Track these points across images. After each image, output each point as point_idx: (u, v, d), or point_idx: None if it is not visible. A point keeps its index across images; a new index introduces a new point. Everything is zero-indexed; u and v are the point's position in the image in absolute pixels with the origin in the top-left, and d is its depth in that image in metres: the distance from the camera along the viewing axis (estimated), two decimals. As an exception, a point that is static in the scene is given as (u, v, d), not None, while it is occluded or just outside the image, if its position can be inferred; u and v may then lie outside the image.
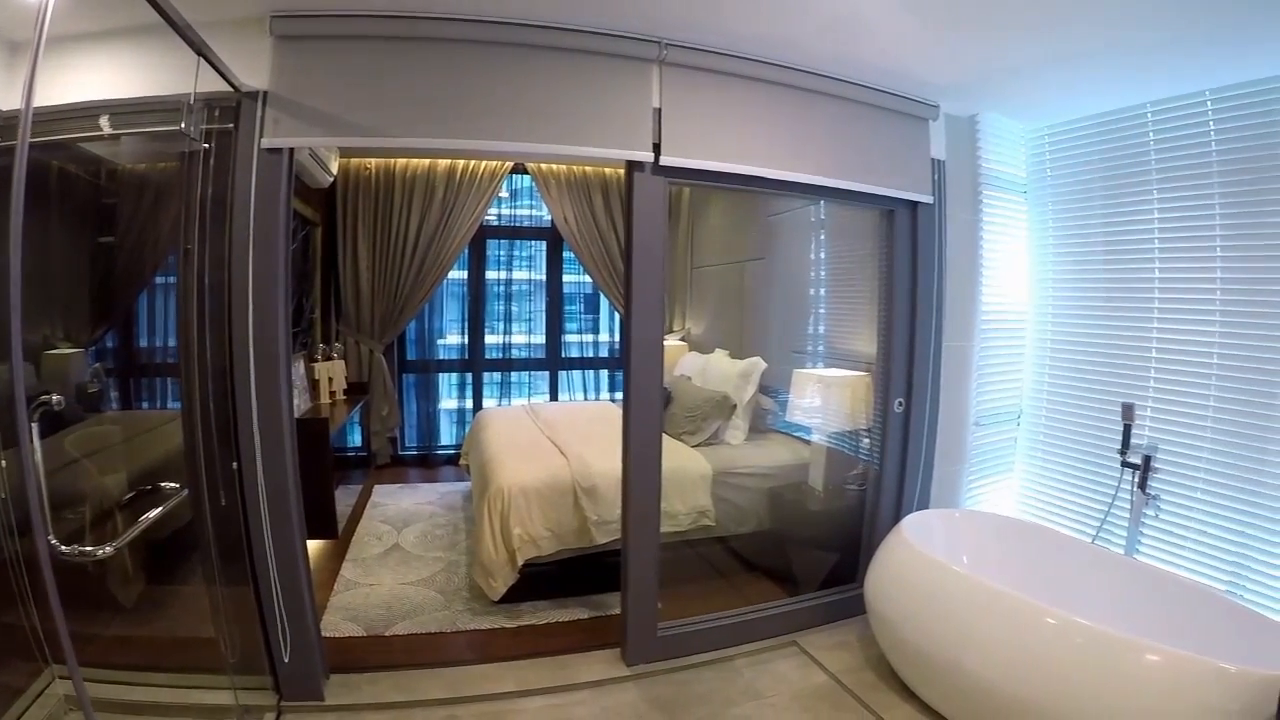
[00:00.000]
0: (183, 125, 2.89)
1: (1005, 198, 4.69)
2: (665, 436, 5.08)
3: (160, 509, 2.59)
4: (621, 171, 4.50)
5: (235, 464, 3.11)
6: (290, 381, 3.17)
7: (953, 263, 4.43)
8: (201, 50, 2.63)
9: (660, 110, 3.45)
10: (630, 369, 3.63)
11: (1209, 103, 3.78)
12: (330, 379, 5.96)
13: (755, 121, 3.68)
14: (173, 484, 2.91)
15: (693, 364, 6.42)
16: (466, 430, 7.08)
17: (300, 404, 4.84)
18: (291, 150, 3.11)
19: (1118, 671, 2.76)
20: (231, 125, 3.03)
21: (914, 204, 4.24)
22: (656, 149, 3.47)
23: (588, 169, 7.26)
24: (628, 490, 3.68)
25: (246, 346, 3.06)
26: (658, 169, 3.50)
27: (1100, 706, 2.75)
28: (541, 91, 3.26)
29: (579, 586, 4.47)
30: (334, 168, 6.13)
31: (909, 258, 4.27)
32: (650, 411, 3.68)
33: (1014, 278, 4.78)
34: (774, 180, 3.77)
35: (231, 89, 2.93)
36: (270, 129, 3.01)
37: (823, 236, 5.54)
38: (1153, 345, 4.10)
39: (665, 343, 6.94)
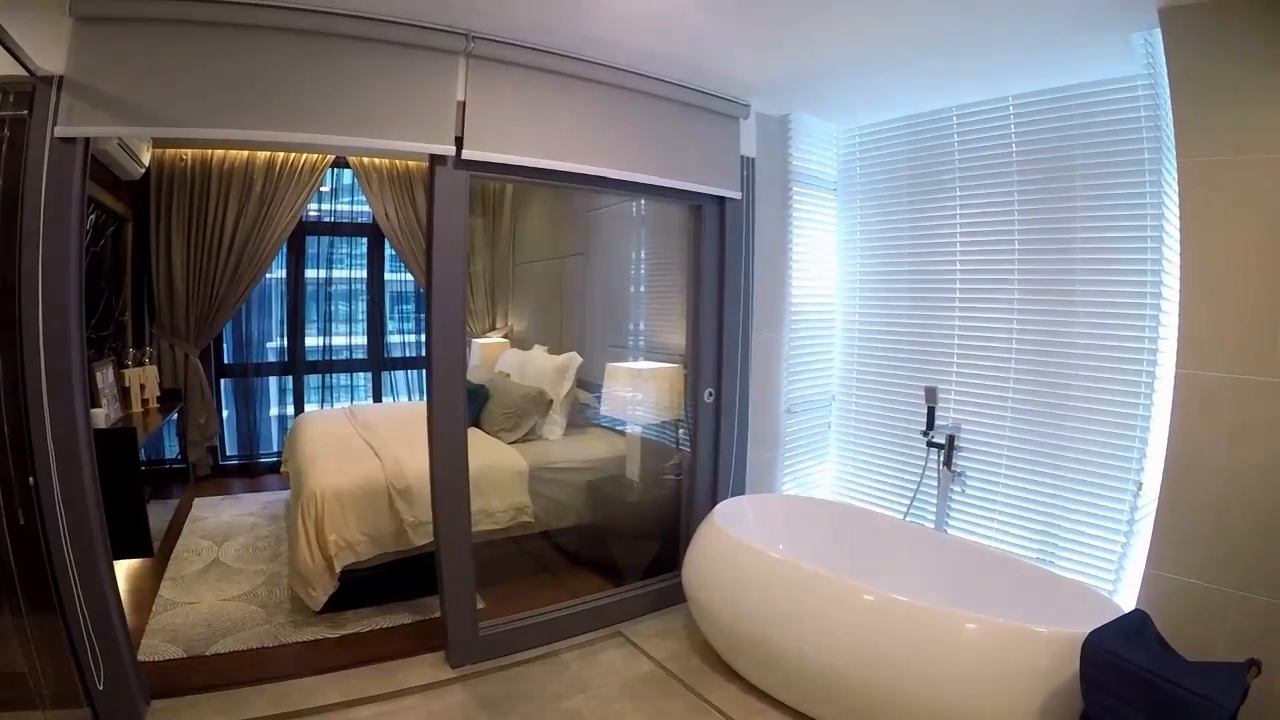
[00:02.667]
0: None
1: (815, 194, 4.98)
2: (482, 434, 5.21)
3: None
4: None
5: (31, 479, 2.94)
6: (86, 388, 3.03)
7: (762, 257, 4.67)
8: (-7, 30, 2.47)
9: (465, 103, 3.46)
10: (433, 367, 3.65)
11: (1011, 108, 4.16)
12: (142, 386, 5.66)
13: (563, 116, 3.76)
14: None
15: (512, 361, 6.49)
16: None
17: (110, 413, 4.66)
18: (88, 140, 2.96)
19: (936, 642, 3.00)
20: (26, 112, 2.87)
21: (722, 200, 4.43)
22: (459, 143, 3.47)
23: (411, 163, 7.15)
24: (436, 490, 3.70)
25: (37, 351, 2.90)
26: (460, 163, 3.52)
27: (921, 676, 2.99)
28: (346, 82, 3.22)
29: (402, 590, 4.46)
30: (146, 159, 5.84)
31: (716, 252, 4.48)
32: (454, 410, 3.70)
33: (823, 270, 5.08)
34: (581, 175, 3.86)
35: (27, 73, 2.76)
36: (64, 117, 2.85)
37: (642, 232, 5.71)
38: (955, 332, 4.48)
39: (487, 340, 7.06)
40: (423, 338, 8.17)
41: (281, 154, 6.73)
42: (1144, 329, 3.65)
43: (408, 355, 8.23)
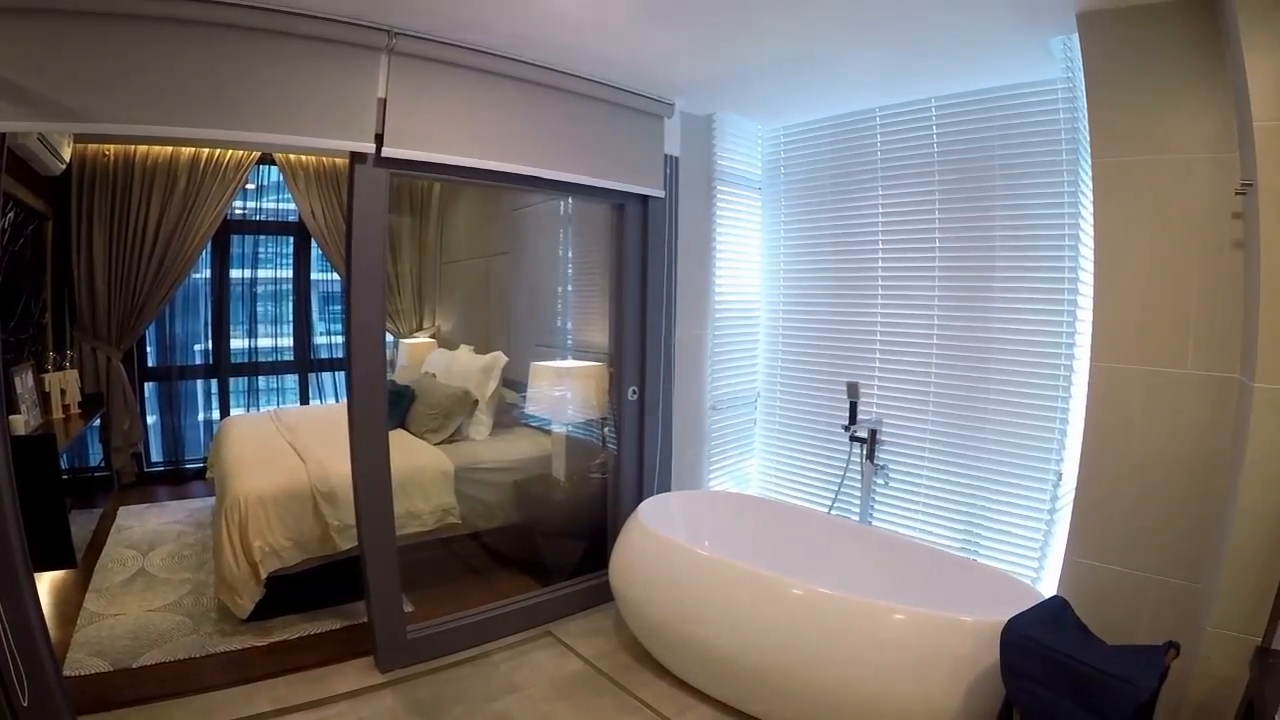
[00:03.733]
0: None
1: (740, 193, 5.09)
2: (409, 435, 5.21)
3: None
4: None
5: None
6: (3, 394, 2.85)
7: (685, 255, 4.75)
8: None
9: (386, 100, 3.42)
10: (352, 368, 3.62)
11: (933, 109, 4.30)
12: (63, 390, 5.56)
13: (487, 114, 3.77)
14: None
15: (438, 361, 6.48)
16: (215, 441, 6.78)
17: (29, 419, 4.59)
18: (3, 136, 2.85)
19: (864, 634, 3.11)
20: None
21: (646, 198, 4.49)
22: (379, 140, 3.44)
23: (339, 160, 7.02)
24: (358, 493, 3.67)
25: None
26: (380, 161, 3.48)
27: (850, 667, 3.10)
28: (265, 78, 3.15)
29: (329, 595, 4.44)
30: (67, 154, 5.69)
31: (639, 250, 4.54)
32: (374, 411, 3.68)
33: (748, 268, 5.18)
34: (503, 174, 3.87)
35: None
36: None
37: (569, 230, 5.74)
38: (878, 328, 4.62)
39: (414, 340, 7.05)
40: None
41: (206, 150, 6.60)
42: (1061, 324, 3.80)
43: (335, 357, 8.14)
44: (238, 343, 7.61)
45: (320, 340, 8.10)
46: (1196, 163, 2.93)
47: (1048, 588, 3.57)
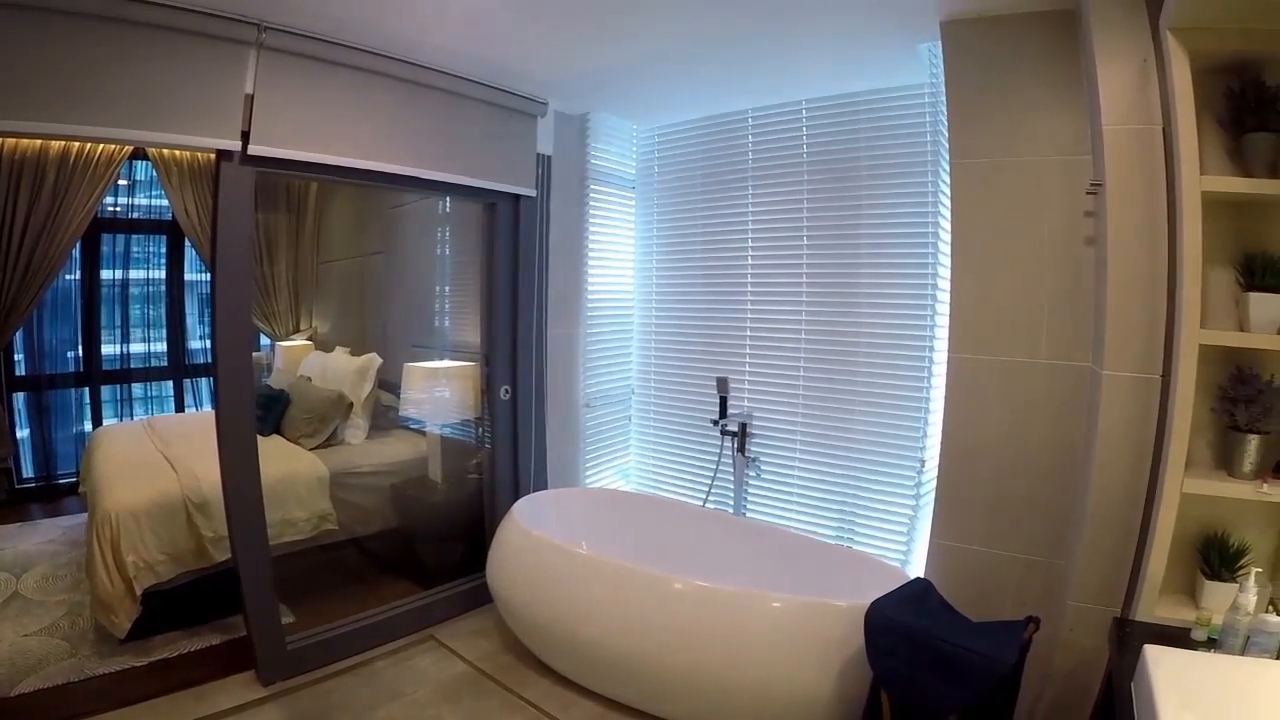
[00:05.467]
0: None
1: (614, 192, 5.15)
2: (284, 441, 5.15)
3: None
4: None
5: None
6: None
7: (558, 253, 4.79)
8: None
9: (253, 97, 3.30)
10: (219, 373, 3.52)
11: (804, 111, 4.41)
12: None
13: (358, 112, 3.70)
14: None
15: (314, 364, 6.35)
16: (90, 453, 6.52)
17: None
18: None
19: (743, 622, 3.20)
20: None
21: (518, 197, 4.49)
22: (245, 138, 3.31)
23: (212, 156, 6.68)
24: (229, 502, 3.58)
25: None
26: (246, 159, 3.35)
27: (730, 656, 3.17)
28: (126, 71, 2.98)
29: (209, 609, 4.30)
30: None
31: (510, 249, 4.55)
32: (242, 417, 3.58)
33: (621, 266, 5.26)
34: (374, 173, 3.80)
35: None
36: None
37: (445, 229, 5.74)
38: (747, 324, 4.73)
39: (290, 343, 6.87)
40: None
41: (76, 144, 6.25)
42: (924, 318, 3.96)
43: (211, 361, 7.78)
44: (110, 348, 7.22)
45: (196, 345, 7.74)
46: (1050, 164, 3.10)
47: (917, 570, 3.69)
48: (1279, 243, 2.47)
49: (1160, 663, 2.00)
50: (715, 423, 4.57)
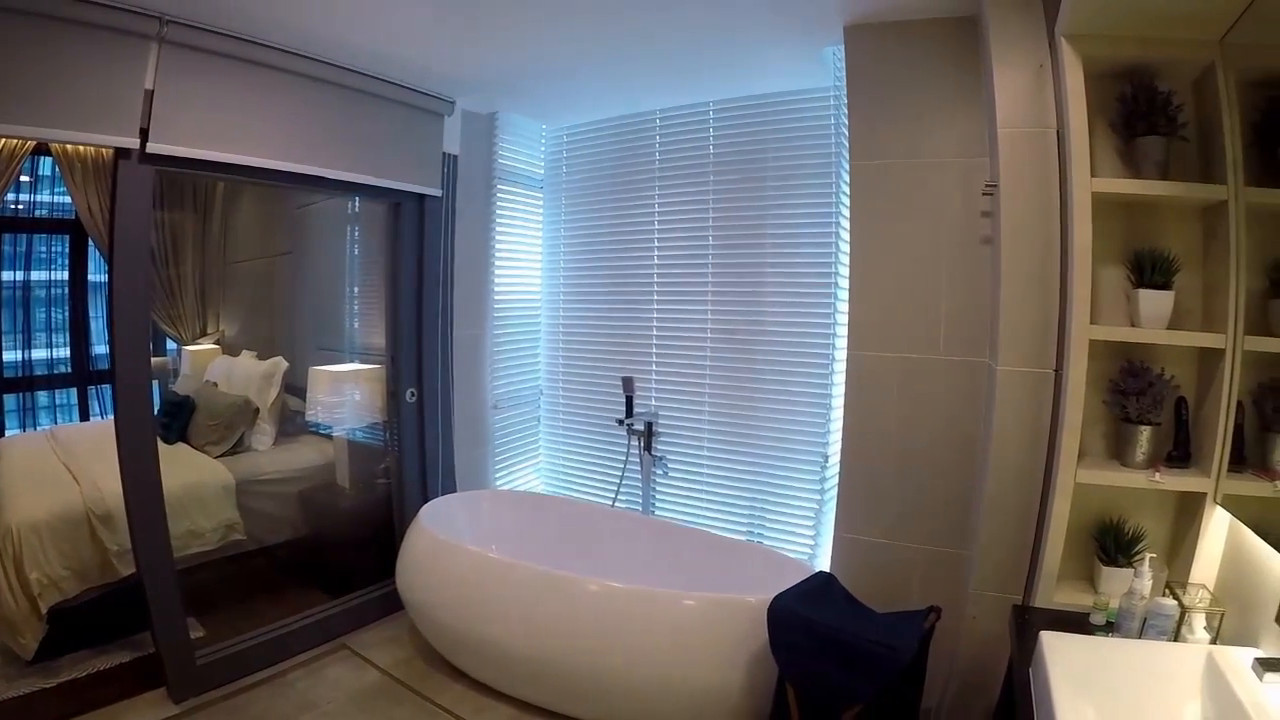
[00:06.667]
0: None
1: (521, 192, 5.12)
2: (189, 449, 5.04)
3: None
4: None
5: None
6: None
7: (464, 254, 4.75)
8: None
9: (153, 93, 3.16)
10: (118, 379, 3.37)
11: (711, 113, 4.45)
12: None
13: (262, 110, 3.61)
14: None
15: (220, 368, 6.21)
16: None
17: None
18: None
19: (654, 623, 3.21)
20: None
21: (423, 197, 4.45)
22: (144, 135, 3.17)
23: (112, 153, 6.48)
24: (131, 513, 3.45)
25: None
26: (145, 157, 3.21)
27: (641, 657, 3.19)
28: (19, 64, 2.83)
29: (119, 626, 4.12)
30: None
31: (415, 250, 4.51)
32: (141, 425, 3.44)
33: (528, 267, 5.24)
34: (277, 172, 3.70)
35: None
36: None
37: (354, 229, 5.66)
38: (654, 324, 4.75)
39: (197, 347, 6.67)
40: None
41: None
42: (828, 316, 4.00)
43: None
44: (11, 354, 6.81)
45: (102, 350, 7.32)
46: (950, 166, 3.19)
47: (824, 564, 3.75)
48: (1168, 241, 2.57)
49: (1055, 648, 2.05)
50: (621, 422, 4.58)
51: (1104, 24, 2.44)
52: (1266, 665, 1.54)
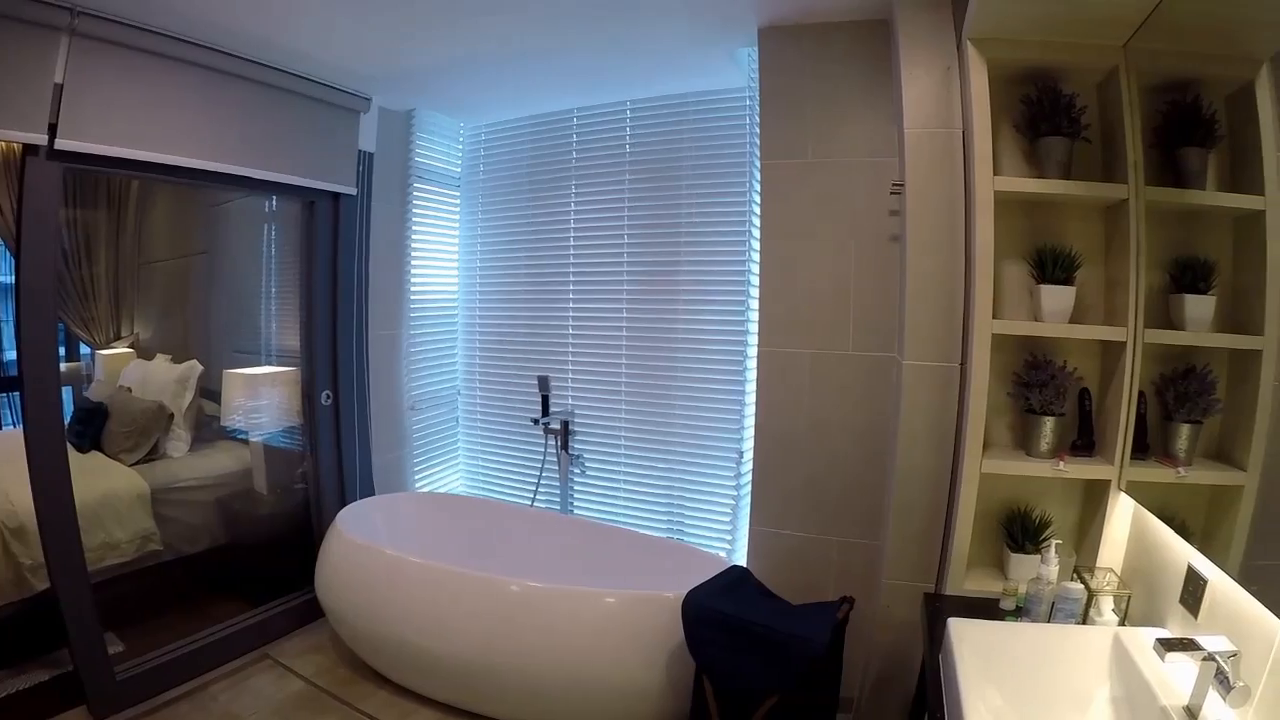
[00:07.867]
0: None
1: (438, 190, 5.07)
2: (104, 457, 4.88)
3: None
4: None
5: None
6: None
7: (379, 253, 4.68)
8: None
9: (63, 87, 3.04)
10: (25, 386, 3.25)
11: (628, 112, 4.44)
12: None
13: (174, 105, 3.50)
14: None
15: (134, 373, 5.98)
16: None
17: None
18: None
19: (576, 621, 3.21)
20: None
21: (337, 195, 4.37)
22: (53, 131, 3.04)
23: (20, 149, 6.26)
24: (42, 526, 3.32)
25: None
26: (53, 154, 3.09)
27: (562, 656, 3.20)
28: None
29: (37, 643, 3.99)
30: None
31: (329, 249, 4.43)
32: (50, 433, 3.32)
33: (445, 266, 5.18)
34: (189, 169, 3.59)
35: None
36: None
37: (272, 227, 5.54)
38: (570, 322, 4.74)
39: (111, 351, 6.48)
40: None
41: None
42: (741, 313, 4.02)
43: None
44: None
45: (10, 355, 6.99)
46: (860, 165, 3.23)
47: (742, 559, 3.77)
48: (1071, 239, 2.64)
49: (963, 635, 2.08)
50: (536, 421, 4.59)
51: (1010, 28, 2.50)
52: (1168, 645, 1.58)
